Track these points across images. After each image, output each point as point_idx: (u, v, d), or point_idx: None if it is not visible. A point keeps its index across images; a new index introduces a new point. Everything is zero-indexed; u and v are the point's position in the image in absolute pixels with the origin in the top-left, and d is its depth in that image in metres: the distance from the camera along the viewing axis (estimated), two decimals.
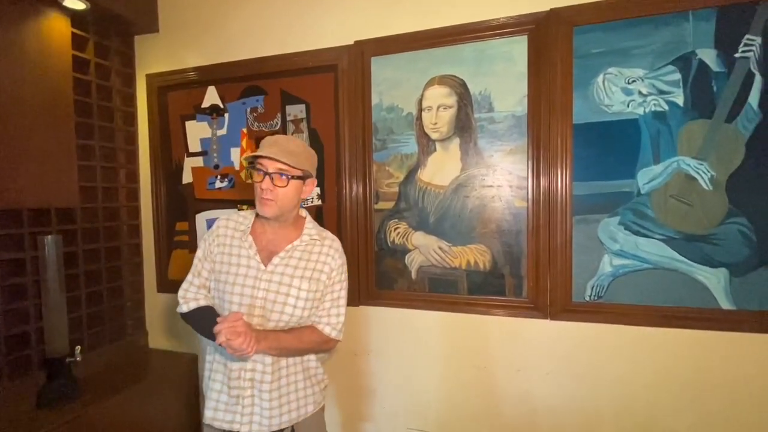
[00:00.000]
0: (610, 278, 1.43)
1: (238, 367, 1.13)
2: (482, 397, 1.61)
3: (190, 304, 1.19)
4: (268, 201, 1.11)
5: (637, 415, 1.43)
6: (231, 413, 1.14)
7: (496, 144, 1.53)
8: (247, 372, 1.13)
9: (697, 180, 1.33)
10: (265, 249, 1.18)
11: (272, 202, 1.12)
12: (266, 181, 1.11)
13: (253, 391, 1.13)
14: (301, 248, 1.20)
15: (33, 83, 1.49)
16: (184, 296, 1.21)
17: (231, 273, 1.15)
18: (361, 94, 1.68)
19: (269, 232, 1.20)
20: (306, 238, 1.21)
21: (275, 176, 1.11)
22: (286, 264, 1.16)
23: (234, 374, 1.13)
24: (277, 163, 1.10)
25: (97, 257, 1.87)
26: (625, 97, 1.39)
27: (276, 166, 1.11)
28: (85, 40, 1.81)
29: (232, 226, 1.22)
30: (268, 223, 1.19)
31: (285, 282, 1.15)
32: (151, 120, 2.03)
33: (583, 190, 1.44)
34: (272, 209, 1.12)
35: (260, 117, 1.85)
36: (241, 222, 1.22)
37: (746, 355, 1.32)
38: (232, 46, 1.87)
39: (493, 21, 1.50)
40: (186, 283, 1.22)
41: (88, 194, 1.81)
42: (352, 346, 1.76)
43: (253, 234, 1.19)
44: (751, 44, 1.27)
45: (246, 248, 1.17)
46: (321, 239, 1.23)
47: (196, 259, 1.23)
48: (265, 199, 1.11)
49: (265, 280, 1.14)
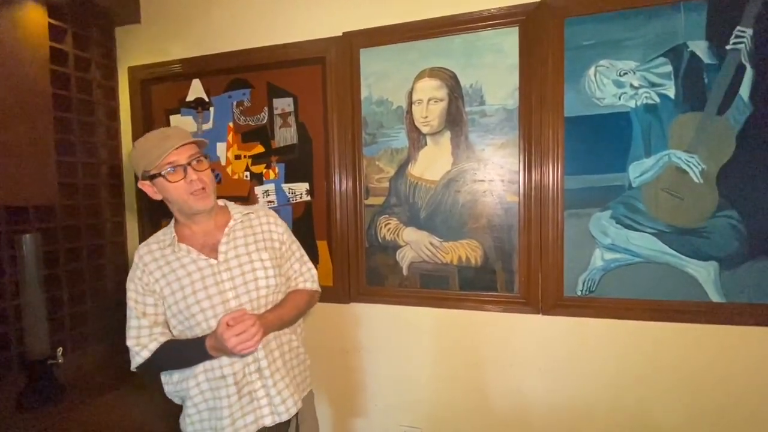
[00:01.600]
0: (601, 272, 1.42)
1: (241, 367, 1.07)
2: (474, 393, 1.60)
3: (150, 347, 1.07)
4: (200, 192, 1.05)
5: (628, 408, 1.44)
6: (250, 413, 1.07)
7: (488, 138, 1.51)
8: (251, 365, 1.08)
9: (688, 173, 1.33)
10: (204, 246, 1.10)
11: (204, 191, 1.05)
12: (190, 172, 1.03)
13: (263, 381, 1.09)
14: (239, 227, 1.14)
15: (8, 75, 1.43)
16: (138, 342, 1.07)
17: (186, 286, 1.06)
18: (350, 87, 1.64)
19: (199, 230, 1.12)
20: (238, 216, 1.15)
21: (194, 162, 1.04)
22: (234, 246, 1.11)
23: (239, 375, 1.07)
24: (187, 148, 1.04)
25: (79, 256, 1.81)
26: (616, 89, 1.37)
27: (187, 154, 1.04)
28: (63, 31, 1.74)
29: (155, 248, 1.11)
30: (195, 222, 1.11)
31: (245, 261, 1.10)
32: (134, 114, 1.97)
33: (574, 184, 1.43)
34: (209, 197, 1.07)
35: (247, 111, 1.80)
36: (162, 239, 1.13)
37: (736, 348, 1.33)
38: (217, 38, 1.82)
39: (483, 12, 1.48)
40: (133, 331, 1.08)
41: (68, 191, 1.75)
42: (344, 344, 1.74)
43: (183, 241, 1.11)
44: (742, 36, 1.26)
45: (185, 256, 1.08)
46: (254, 212, 1.19)
47: (131, 302, 1.09)
48: (198, 190, 1.04)
49: (225, 270, 1.08)
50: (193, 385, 1.08)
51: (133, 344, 1.08)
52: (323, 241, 1.73)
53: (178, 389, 1.13)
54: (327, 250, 1.73)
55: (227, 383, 1.06)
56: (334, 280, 1.72)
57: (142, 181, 1.08)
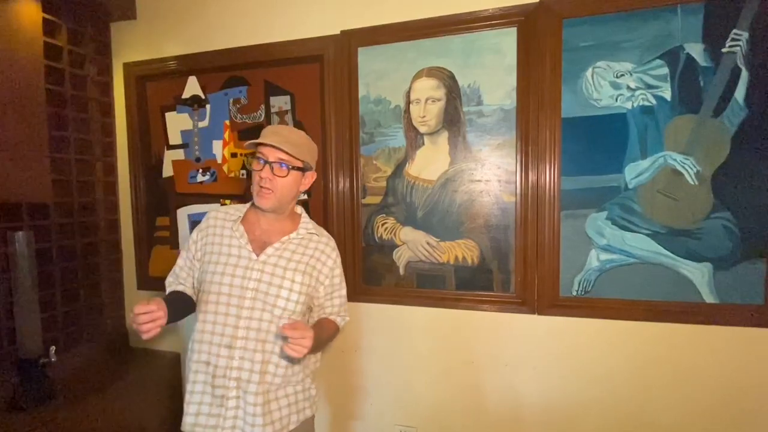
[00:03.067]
0: (597, 273, 1.43)
1: (224, 364, 1.07)
2: (470, 392, 1.60)
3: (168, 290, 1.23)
4: (266, 191, 1.09)
5: (622, 408, 1.45)
6: (215, 417, 1.07)
7: (485, 138, 1.51)
8: (233, 370, 1.07)
9: (683, 175, 1.34)
10: (258, 240, 1.15)
11: (270, 193, 1.09)
12: (266, 170, 1.09)
13: (238, 392, 1.07)
14: (296, 241, 1.17)
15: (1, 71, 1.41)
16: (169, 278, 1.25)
17: (220, 263, 1.12)
18: (348, 85, 1.64)
19: (263, 223, 1.17)
20: (303, 232, 1.19)
21: (275, 166, 1.08)
22: (279, 255, 1.14)
23: (219, 371, 1.07)
24: (278, 152, 1.08)
25: (73, 254, 1.79)
26: (613, 91, 1.38)
27: (276, 156, 1.09)
28: (58, 26, 1.72)
29: (222, 216, 1.20)
30: (263, 214, 1.16)
31: (278, 273, 1.12)
32: (129, 111, 1.95)
33: (571, 185, 1.44)
34: (270, 200, 1.10)
35: (243, 108, 1.79)
36: (232, 213, 1.20)
37: (730, 348, 1.34)
38: (214, 35, 1.81)
39: (482, 12, 1.48)
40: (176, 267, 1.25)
41: (62, 188, 1.73)
42: (340, 343, 1.74)
43: (245, 224, 1.17)
44: (738, 39, 1.27)
45: (237, 237, 1.14)
46: (318, 234, 1.23)
47: (188, 243, 1.22)
48: (264, 188, 1.09)
49: (257, 269, 1.11)
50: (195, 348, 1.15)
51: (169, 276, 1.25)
52: None
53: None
54: None
55: (207, 371, 1.10)
56: None
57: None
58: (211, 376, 1.09)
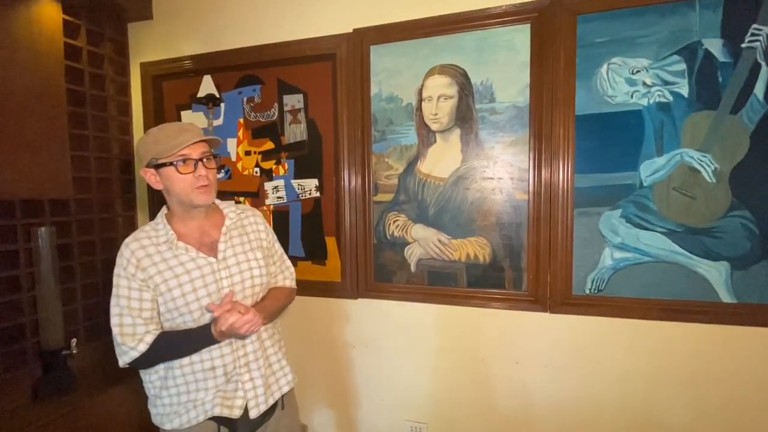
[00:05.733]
0: (610, 271, 1.42)
1: (231, 360, 1.10)
2: (480, 389, 1.61)
3: (146, 339, 1.04)
4: (204, 188, 1.07)
5: (635, 408, 1.44)
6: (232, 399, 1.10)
7: (498, 135, 1.51)
8: (241, 359, 1.11)
9: (700, 172, 1.32)
10: (201, 244, 1.11)
11: (208, 188, 1.08)
12: (200, 168, 1.06)
13: (251, 374, 1.12)
14: (234, 226, 1.18)
15: (24, 71, 1.45)
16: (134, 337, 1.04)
17: (185, 284, 1.05)
18: (360, 83, 1.65)
19: (195, 226, 1.13)
20: (233, 216, 1.18)
21: (204, 160, 1.07)
22: (232, 245, 1.15)
23: (230, 368, 1.10)
24: (200, 146, 1.07)
25: (93, 249, 1.84)
26: (629, 87, 1.36)
27: (200, 150, 1.07)
28: (77, 27, 1.76)
29: (147, 243, 1.08)
30: (190, 217, 1.12)
31: (242, 260, 1.14)
32: (146, 110, 1.99)
33: (584, 183, 1.42)
34: (211, 194, 1.10)
35: (257, 107, 1.81)
36: (155, 235, 1.10)
37: (747, 349, 1.32)
38: (228, 34, 1.83)
39: (495, 8, 1.47)
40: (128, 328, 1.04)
41: (82, 185, 1.78)
42: (350, 339, 1.76)
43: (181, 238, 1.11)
44: (758, 34, 1.24)
45: (183, 254, 1.08)
46: (243, 211, 1.23)
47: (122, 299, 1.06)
48: (202, 186, 1.07)
49: (224, 268, 1.11)
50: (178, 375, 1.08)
51: (129, 340, 1.04)
52: (332, 237, 1.74)
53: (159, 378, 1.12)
54: (336, 246, 1.74)
55: (216, 374, 1.09)
56: (342, 276, 1.74)
57: (147, 168, 1.09)
58: (222, 375, 1.10)
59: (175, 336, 1.08)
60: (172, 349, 1.08)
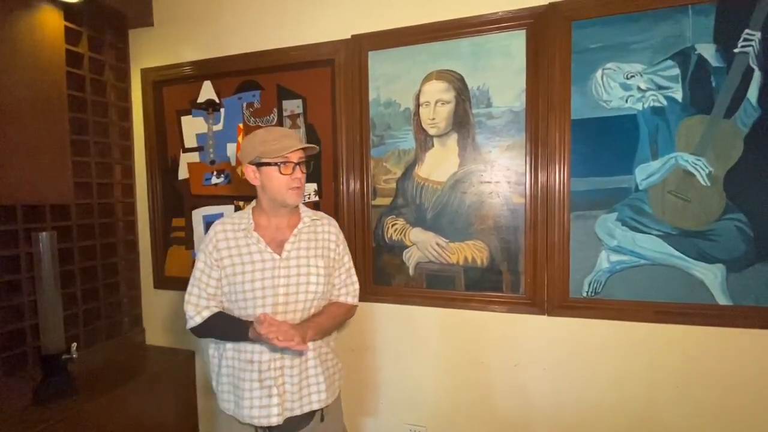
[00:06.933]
0: (607, 274, 1.43)
1: (267, 358, 1.14)
2: (479, 392, 1.61)
3: (204, 314, 1.17)
4: (297, 190, 1.16)
5: (633, 410, 1.44)
6: (266, 408, 1.14)
7: (494, 140, 1.52)
8: (277, 361, 1.15)
9: (695, 176, 1.33)
10: (273, 240, 1.20)
11: (299, 190, 1.17)
12: (297, 171, 1.16)
13: (284, 378, 1.15)
14: (306, 230, 1.23)
15: (26, 77, 1.47)
16: (196, 308, 1.17)
17: (247, 272, 1.15)
18: (359, 88, 1.67)
19: (273, 223, 1.21)
20: (307, 220, 1.24)
21: (301, 165, 1.17)
22: (298, 248, 1.20)
23: (264, 366, 1.14)
24: (300, 152, 1.16)
25: (93, 254, 1.85)
26: (623, 92, 1.38)
27: (298, 155, 1.16)
28: (79, 34, 1.78)
29: (229, 228, 1.20)
30: (274, 214, 1.21)
31: (303, 264, 1.18)
32: (146, 115, 2.01)
33: (581, 186, 1.44)
34: (301, 196, 1.19)
35: (256, 112, 1.83)
36: (238, 222, 1.21)
37: (742, 351, 1.33)
38: (228, 40, 1.85)
39: (491, 15, 1.49)
40: (194, 297, 1.18)
41: (82, 190, 1.79)
42: (350, 342, 1.76)
43: (257, 230, 1.20)
44: (751, 39, 1.26)
45: (254, 244, 1.18)
46: (320, 218, 1.28)
47: (197, 271, 1.19)
48: (295, 188, 1.16)
49: (284, 267, 1.16)
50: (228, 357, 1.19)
51: (191, 309, 1.18)
52: None
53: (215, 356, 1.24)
54: None
55: (252, 368, 1.15)
56: None
57: (250, 164, 1.17)
58: (257, 372, 1.15)
59: (224, 319, 1.17)
60: (220, 330, 1.19)
